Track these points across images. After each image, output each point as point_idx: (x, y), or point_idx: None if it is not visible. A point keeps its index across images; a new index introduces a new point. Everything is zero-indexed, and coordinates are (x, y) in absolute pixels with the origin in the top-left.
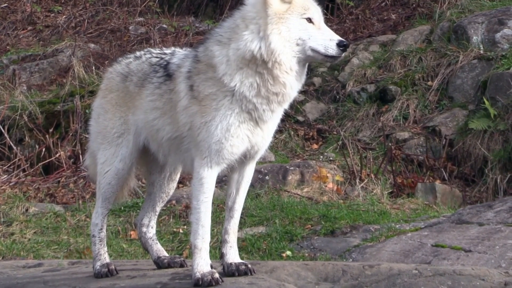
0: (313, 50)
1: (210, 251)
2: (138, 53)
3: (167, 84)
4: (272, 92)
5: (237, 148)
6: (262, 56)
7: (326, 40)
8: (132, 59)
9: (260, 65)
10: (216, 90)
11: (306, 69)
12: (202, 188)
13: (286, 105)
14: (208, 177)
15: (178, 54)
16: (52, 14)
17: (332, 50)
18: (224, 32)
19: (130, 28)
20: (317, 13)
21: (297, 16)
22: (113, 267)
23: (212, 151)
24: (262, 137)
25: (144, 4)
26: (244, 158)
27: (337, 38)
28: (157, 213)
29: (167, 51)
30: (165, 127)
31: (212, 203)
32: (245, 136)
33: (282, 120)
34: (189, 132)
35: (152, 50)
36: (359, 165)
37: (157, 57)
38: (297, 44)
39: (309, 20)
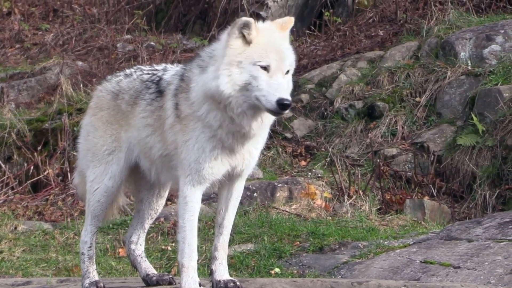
0: (257, 99)
1: (199, 268)
2: (128, 71)
3: (158, 100)
4: (233, 129)
5: (217, 170)
6: (214, 96)
7: (270, 93)
8: (122, 77)
9: (219, 103)
10: (192, 112)
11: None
12: (186, 207)
13: (257, 138)
14: (192, 195)
15: (170, 71)
16: (40, 32)
17: (271, 105)
18: (205, 57)
19: (118, 45)
20: (275, 60)
21: (251, 61)
22: (102, 284)
23: (193, 170)
24: (244, 159)
25: (131, 22)
26: (228, 178)
27: (280, 95)
28: (146, 230)
29: (158, 67)
30: (156, 144)
31: (200, 220)
32: (224, 159)
33: (270, 137)
34: (175, 150)
35: (143, 67)
36: (347, 181)
37: (148, 74)
38: (247, 90)
39: (264, 67)
